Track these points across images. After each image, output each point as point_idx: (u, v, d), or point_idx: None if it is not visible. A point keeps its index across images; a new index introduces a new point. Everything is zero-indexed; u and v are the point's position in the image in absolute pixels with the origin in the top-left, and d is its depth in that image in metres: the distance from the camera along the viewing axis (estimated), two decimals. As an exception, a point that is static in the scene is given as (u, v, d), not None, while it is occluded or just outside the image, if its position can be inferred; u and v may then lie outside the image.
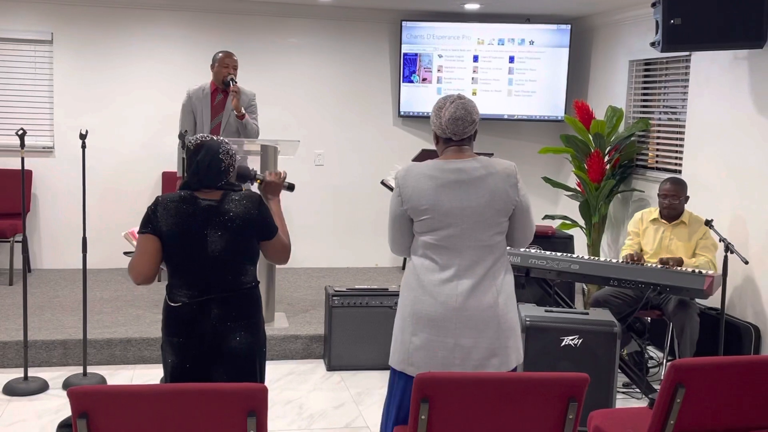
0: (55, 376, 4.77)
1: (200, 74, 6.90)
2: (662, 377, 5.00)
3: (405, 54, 7.35)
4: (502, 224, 2.92)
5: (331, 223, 7.55)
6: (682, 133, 5.96)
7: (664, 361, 5.13)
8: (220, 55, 5.61)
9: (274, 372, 4.98)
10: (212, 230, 2.87)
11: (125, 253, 2.96)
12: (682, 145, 5.96)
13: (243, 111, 5.48)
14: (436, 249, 2.90)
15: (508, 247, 3.01)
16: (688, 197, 5.04)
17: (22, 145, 4.42)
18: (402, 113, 7.45)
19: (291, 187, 3.29)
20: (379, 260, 7.66)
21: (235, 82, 5.51)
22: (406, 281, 3.00)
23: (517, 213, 2.93)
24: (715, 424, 2.81)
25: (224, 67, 5.57)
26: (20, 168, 6.58)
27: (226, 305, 2.90)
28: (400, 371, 3.00)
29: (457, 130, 2.90)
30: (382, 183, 5.62)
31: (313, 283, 6.80)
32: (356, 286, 5.24)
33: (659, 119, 6.42)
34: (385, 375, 5.02)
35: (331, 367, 5.09)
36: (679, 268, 4.59)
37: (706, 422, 2.79)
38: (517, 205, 2.91)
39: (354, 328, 5.07)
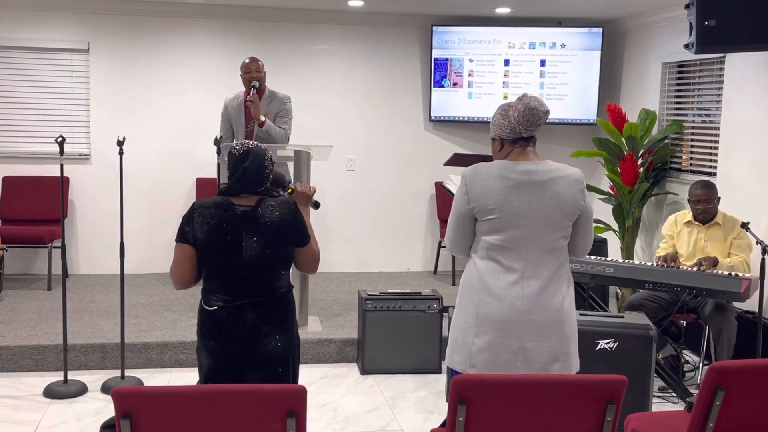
0: (93, 379, 4.84)
1: (233, 81, 6.96)
2: (698, 381, 4.96)
3: (436, 59, 7.36)
4: (568, 228, 2.91)
5: (363, 227, 7.58)
6: (717, 135, 5.91)
7: (701, 365, 5.08)
8: (246, 61, 5.67)
9: (308, 375, 5.01)
10: (247, 236, 2.91)
11: None
12: (716, 148, 5.91)
13: (262, 118, 5.51)
14: (501, 250, 2.89)
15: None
16: (719, 198, 4.99)
17: (62, 152, 4.49)
18: (433, 118, 7.46)
19: (316, 205, 3.29)
20: (411, 265, 7.67)
21: (257, 89, 5.53)
22: (469, 282, 2.97)
23: (582, 219, 2.93)
24: (754, 428, 2.78)
25: (247, 72, 5.62)
26: (57, 175, 6.72)
27: (260, 309, 2.94)
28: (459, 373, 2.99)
29: (531, 120, 2.87)
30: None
31: (345, 288, 6.83)
32: (389, 290, 5.26)
33: (693, 121, 6.36)
34: (418, 379, 5.04)
35: (364, 371, 5.11)
36: (715, 271, 4.55)
37: (746, 425, 2.76)
38: (583, 210, 2.92)
39: (387, 332, 5.08)
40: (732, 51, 5.19)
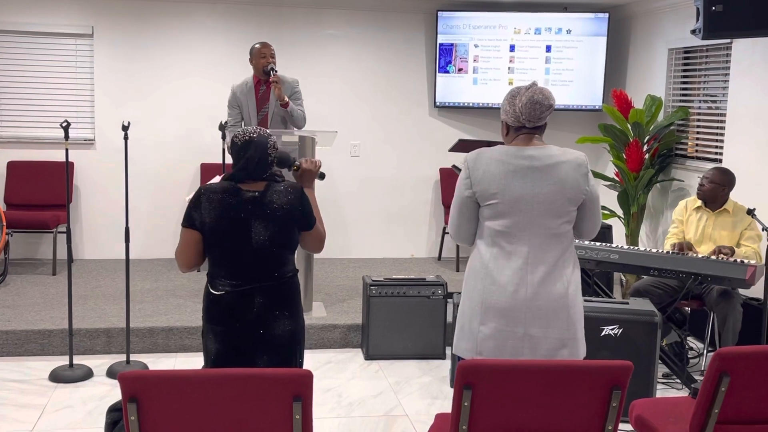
0: (99, 363, 4.86)
1: (238, 66, 6.95)
2: (702, 368, 4.96)
3: (441, 44, 7.34)
4: (571, 213, 2.90)
5: (367, 213, 7.58)
6: (723, 121, 5.89)
7: (705, 351, 5.08)
8: (257, 46, 5.62)
9: (313, 361, 5.03)
10: (256, 221, 2.91)
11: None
12: (722, 134, 5.89)
13: (286, 99, 5.49)
14: (504, 236, 2.88)
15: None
16: (727, 187, 4.96)
17: (67, 136, 4.49)
18: (438, 104, 7.44)
19: (322, 176, 3.29)
20: (415, 251, 7.67)
21: (275, 71, 5.51)
22: (473, 269, 2.97)
23: (587, 203, 2.92)
24: (759, 413, 2.78)
25: (262, 57, 5.57)
26: (62, 160, 6.72)
27: (268, 294, 2.94)
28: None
29: (533, 114, 2.87)
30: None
31: (349, 273, 6.84)
32: (393, 276, 5.26)
33: (699, 108, 6.34)
34: (422, 364, 5.05)
35: (368, 356, 5.12)
36: (722, 258, 4.54)
37: (751, 411, 2.77)
38: (587, 194, 2.90)
39: (391, 318, 5.09)
40: (739, 37, 5.16)
